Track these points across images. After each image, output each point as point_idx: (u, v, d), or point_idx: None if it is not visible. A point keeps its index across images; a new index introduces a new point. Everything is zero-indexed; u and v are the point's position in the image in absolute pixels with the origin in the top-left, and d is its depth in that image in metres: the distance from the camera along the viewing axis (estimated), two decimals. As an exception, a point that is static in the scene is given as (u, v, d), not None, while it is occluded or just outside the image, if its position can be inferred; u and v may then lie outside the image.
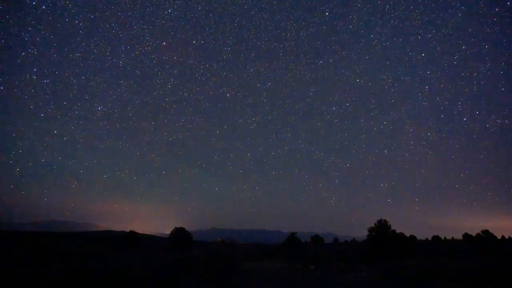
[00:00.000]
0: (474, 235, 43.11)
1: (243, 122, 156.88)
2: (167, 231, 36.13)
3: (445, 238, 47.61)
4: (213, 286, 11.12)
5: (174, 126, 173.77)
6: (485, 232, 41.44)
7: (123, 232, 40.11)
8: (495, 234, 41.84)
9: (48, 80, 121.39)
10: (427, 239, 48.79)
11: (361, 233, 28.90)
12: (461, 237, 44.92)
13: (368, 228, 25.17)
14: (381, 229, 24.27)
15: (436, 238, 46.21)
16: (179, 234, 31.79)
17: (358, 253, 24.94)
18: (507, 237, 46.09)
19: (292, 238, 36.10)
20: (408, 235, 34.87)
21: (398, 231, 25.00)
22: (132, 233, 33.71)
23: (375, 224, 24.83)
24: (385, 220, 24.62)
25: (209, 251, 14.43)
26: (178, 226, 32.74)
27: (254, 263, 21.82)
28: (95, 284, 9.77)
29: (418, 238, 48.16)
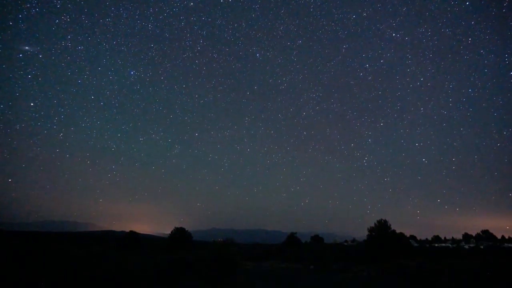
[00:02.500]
0: (474, 235, 43.21)
1: (273, 82, 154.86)
2: (167, 231, 36.18)
3: (445, 238, 47.64)
4: (213, 286, 11.12)
5: (205, 88, 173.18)
6: (485, 232, 41.52)
7: (123, 232, 40.11)
8: (495, 234, 41.98)
9: (82, 47, 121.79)
10: (427, 239, 48.82)
11: (361, 233, 28.95)
12: (461, 237, 45.00)
13: (368, 228, 25.18)
14: (381, 229, 24.27)
15: (436, 238, 46.25)
16: (179, 234, 31.78)
17: (358, 253, 24.95)
18: (507, 237, 46.12)
19: (292, 238, 36.11)
20: (408, 235, 34.95)
21: (398, 231, 25.04)
22: (132, 233, 33.69)
23: (375, 224, 24.84)
24: (385, 220, 24.62)
25: (209, 251, 14.40)
26: (178, 226, 32.75)
27: (254, 263, 21.82)
28: (95, 284, 9.77)
29: (418, 238, 48.23)
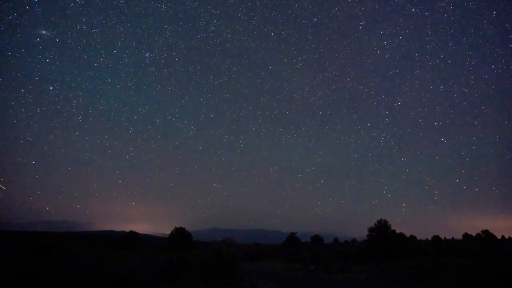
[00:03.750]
0: (474, 235, 43.19)
1: (288, 61, 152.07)
2: (167, 231, 36.17)
3: (445, 238, 47.64)
4: (213, 286, 11.12)
5: (220, 69, 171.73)
6: (485, 232, 41.51)
7: (123, 232, 40.11)
8: (495, 234, 41.97)
9: (97, 30, 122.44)
10: (427, 239, 48.81)
11: (361, 233, 28.89)
12: (461, 237, 44.99)
13: (368, 228, 25.18)
14: (381, 229, 24.27)
15: (436, 238, 46.23)
16: (179, 234, 31.82)
17: (358, 253, 24.95)
18: (507, 237, 46.13)
19: (292, 238, 36.12)
20: (408, 235, 34.93)
21: (398, 231, 25.03)
22: (132, 233, 33.73)
23: (375, 224, 24.84)
24: (385, 220, 24.63)
25: (209, 251, 14.41)
26: (178, 226, 32.78)
27: (254, 263, 21.82)
28: (95, 284, 9.77)
29: (418, 238, 48.24)
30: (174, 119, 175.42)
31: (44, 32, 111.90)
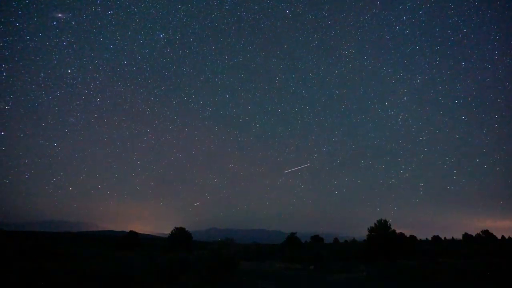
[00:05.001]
0: (474, 235, 43.19)
1: (304, 39, 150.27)
2: (167, 231, 36.17)
3: (445, 238, 47.61)
4: (213, 286, 11.12)
5: (235, 48, 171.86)
6: (485, 232, 41.50)
7: (123, 232, 40.12)
8: (495, 234, 41.96)
9: (111, 11, 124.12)
10: (427, 239, 48.79)
11: (361, 233, 28.83)
12: (461, 237, 44.97)
13: (368, 228, 25.19)
14: (381, 229, 24.28)
15: (436, 238, 46.21)
16: (179, 234, 31.81)
17: (358, 253, 24.96)
18: (507, 237, 46.11)
19: (292, 238, 36.10)
20: (408, 235, 34.92)
21: (398, 231, 25.04)
22: (132, 233, 33.72)
23: (375, 224, 24.85)
24: (385, 220, 24.63)
25: (209, 251, 14.41)
26: (178, 226, 32.78)
27: (254, 263, 21.81)
28: (95, 284, 9.77)
29: (418, 238, 48.19)
30: (190, 100, 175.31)
31: (60, 15, 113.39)
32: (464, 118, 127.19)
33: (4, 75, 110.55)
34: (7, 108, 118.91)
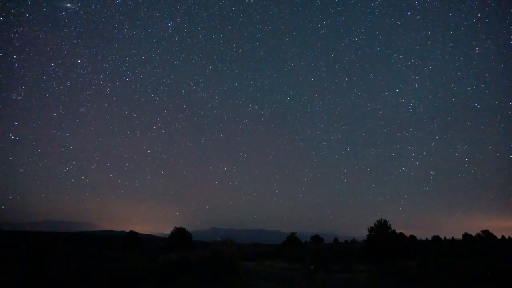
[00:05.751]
0: (474, 235, 43.18)
1: (313, 26, 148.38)
2: (167, 231, 36.17)
3: (445, 238, 47.58)
4: (213, 286, 11.12)
5: (243, 36, 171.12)
6: (485, 232, 41.51)
7: (123, 232, 40.12)
8: (495, 234, 41.95)
9: (120, 1, 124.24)
10: (427, 239, 48.76)
11: (361, 233, 28.84)
12: (461, 237, 44.95)
13: (368, 228, 25.19)
14: (381, 229, 24.29)
15: (436, 238, 46.19)
16: (179, 234, 31.80)
17: (358, 253, 24.96)
18: (507, 237, 46.09)
19: (292, 238, 36.10)
20: (408, 235, 34.92)
21: (398, 231, 25.04)
22: (132, 233, 33.70)
23: (375, 224, 24.85)
24: (385, 220, 24.64)
25: (209, 251, 14.41)
26: (178, 226, 32.77)
27: (254, 263, 21.81)
28: (95, 284, 9.78)
29: (418, 238, 48.16)
30: (198, 89, 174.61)
31: (69, 5, 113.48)
32: (477, 105, 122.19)
33: (16, 66, 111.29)
34: (19, 98, 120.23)
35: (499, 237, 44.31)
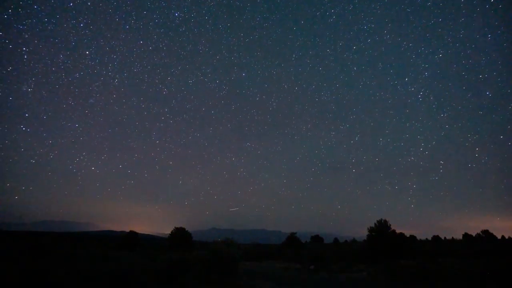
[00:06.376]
0: (474, 235, 43.18)
1: (321, 14, 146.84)
2: (167, 231, 36.17)
3: (445, 238, 47.58)
4: (213, 286, 11.12)
5: (250, 25, 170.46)
6: (485, 232, 41.51)
7: (123, 232, 40.09)
8: (495, 234, 41.95)
9: None
10: (427, 239, 48.76)
11: (361, 233, 28.81)
12: (461, 237, 44.94)
13: (368, 228, 25.18)
14: (381, 229, 24.27)
15: (436, 238, 46.20)
16: (179, 234, 31.81)
17: (358, 253, 24.95)
18: (507, 237, 46.09)
19: (292, 238, 36.11)
20: (408, 235, 34.93)
21: (398, 231, 25.03)
22: (132, 233, 33.69)
23: (375, 224, 24.84)
24: (385, 220, 24.63)
25: (209, 251, 14.41)
26: (178, 226, 32.77)
27: (254, 263, 21.82)
28: (95, 284, 9.77)
29: (418, 238, 48.18)
30: (206, 79, 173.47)
31: None
32: (489, 94, 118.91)
33: (25, 58, 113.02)
34: (30, 90, 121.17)
35: (499, 237, 44.34)
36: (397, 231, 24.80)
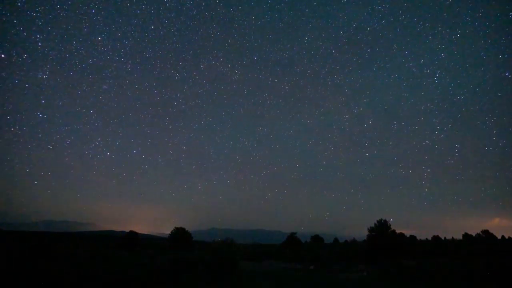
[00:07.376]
0: (474, 235, 43.14)
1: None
2: (167, 231, 36.17)
3: (445, 238, 47.54)
4: (213, 286, 11.12)
5: (262, 8, 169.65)
6: (485, 232, 41.48)
7: (123, 232, 40.11)
8: (495, 234, 41.91)
9: None
10: (427, 239, 48.72)
11: (361, 233, 28.76)
12: (461, 237, 44.90)
13: (368, 228, 25.19)
14: (381, 229, 24.28)
15: (436, 238, 46.15)
16: (179, 234, 31.84)
17: (358, 253, 24.96)
18: (507, 237, 46.06)
19: (292, 238, 36.11)
20: (408, 235, 34.91)
21: (398, 231, 25.04)
22: (132, 233, 33.70)
23: (375, 224, 24.85)
24: (385, 220, 24.64)
25: (209, 251, 14.42)
26: (178, 226, 32.80)
27: (254, 263, 21.81)
28: (95, 284, 9.77)
29: (418, 238, 48.13)
30: (218, 63, 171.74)
31: None
32: (508, 75, 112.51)
33: (39, 46, 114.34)
34: (45, 77, 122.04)
35: (499, 237, 44.30)
36: (397, 231, 24.83)
